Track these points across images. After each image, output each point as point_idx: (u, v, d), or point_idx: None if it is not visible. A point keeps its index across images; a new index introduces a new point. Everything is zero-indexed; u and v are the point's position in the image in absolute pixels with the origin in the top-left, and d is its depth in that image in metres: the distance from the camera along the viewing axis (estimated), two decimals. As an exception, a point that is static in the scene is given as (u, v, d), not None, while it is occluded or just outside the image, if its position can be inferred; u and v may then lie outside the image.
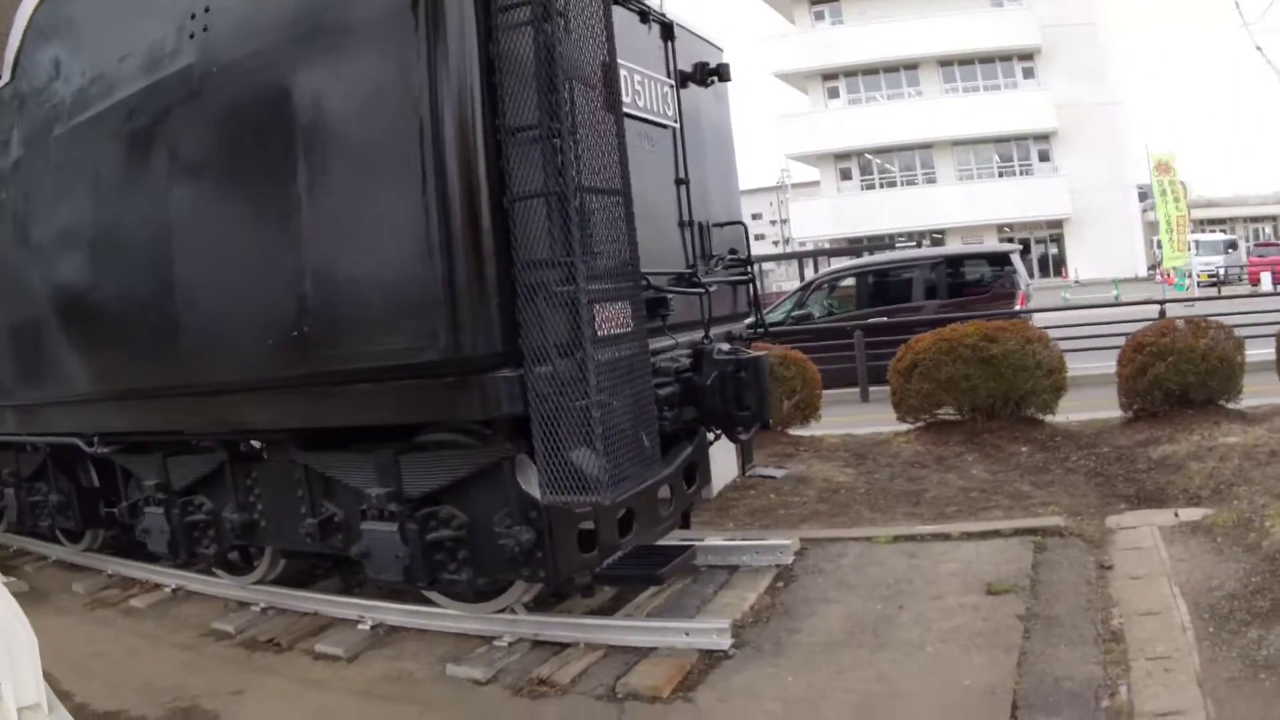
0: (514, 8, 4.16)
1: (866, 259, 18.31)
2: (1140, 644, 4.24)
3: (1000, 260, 14.28)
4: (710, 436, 5.85)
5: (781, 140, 46.08)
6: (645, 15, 5.64)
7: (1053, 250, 44.41)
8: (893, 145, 42.71)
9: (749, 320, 6.77)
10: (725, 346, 5.58)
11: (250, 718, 4.78)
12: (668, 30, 5.87)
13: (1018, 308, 12.92)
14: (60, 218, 6.27)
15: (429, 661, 5.16)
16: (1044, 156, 43.07)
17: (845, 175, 44.79)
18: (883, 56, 41.76)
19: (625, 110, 5.21)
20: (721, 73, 6.36)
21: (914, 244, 26.57)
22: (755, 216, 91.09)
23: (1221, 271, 33.20)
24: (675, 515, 5.69)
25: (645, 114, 5.44)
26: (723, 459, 7.95)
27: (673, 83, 5.82)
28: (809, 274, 26.18)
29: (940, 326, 9.33)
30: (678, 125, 5.83)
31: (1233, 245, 37.69)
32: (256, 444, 5.88)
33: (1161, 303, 13.54)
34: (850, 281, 14.97)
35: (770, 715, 4.15)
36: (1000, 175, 43.25)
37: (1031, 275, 40.64)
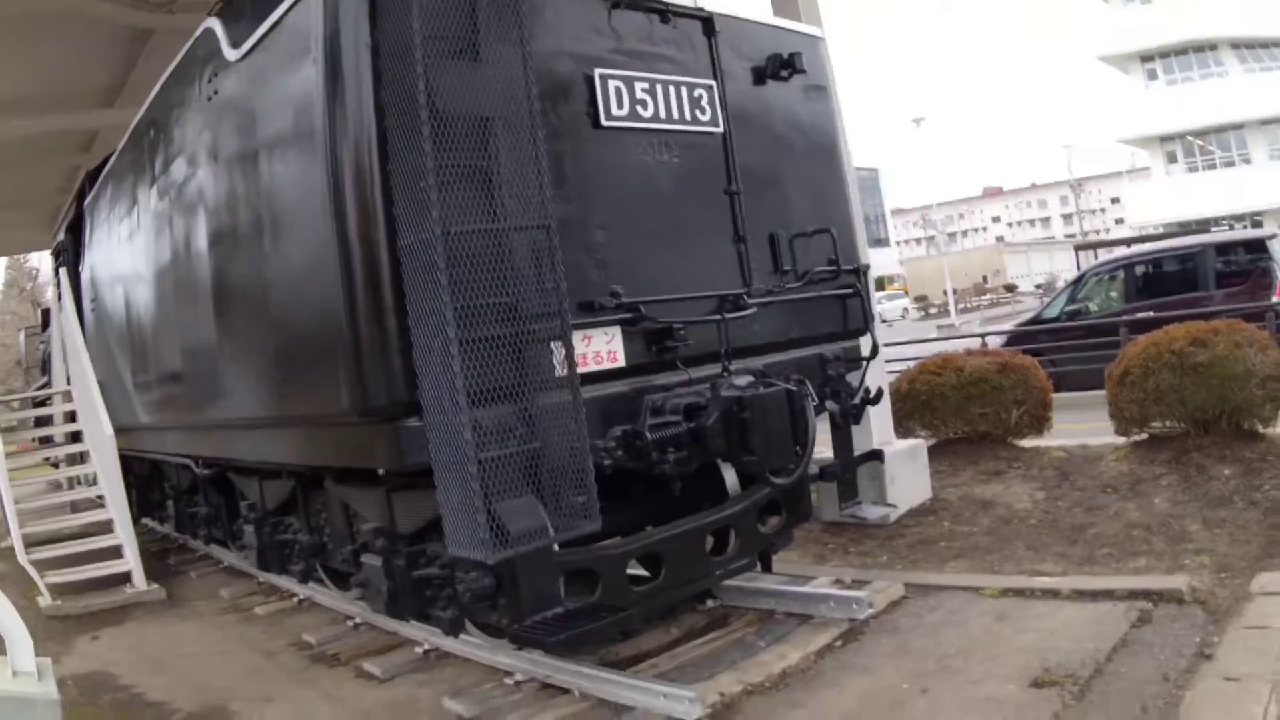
0: (402, 48, 3.98)
1: (1127, 251, 16.64)
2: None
3: (1256, 247, 12.57)
4: None
5: (1110, 125, 43.82)
6: (665, 15, 5.28)
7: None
8: (1209, 127, 39.25)
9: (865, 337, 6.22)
10: (744, 380, 5.02)
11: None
12: (708, 25, 5.48)
13: (1275, 299, 11.12)
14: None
15: (443, 691, 5.19)
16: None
17: (1171, 158, 41.47)
18: (1187, 36, 38.72)
19: (624, 124, 4.96)
20: (795, 63, 5.79)
21: (1228, 227, 23.78)
22: (1114, 201, 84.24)
23: None
24: (744, 559, 5.33)
25: (659, 124, 5.11)
26: (910, 480, 7.44)
27: (710, 83, 5.41)
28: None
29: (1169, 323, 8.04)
30: (723, 130, 5.43)
31: None
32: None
33: None
34: (1121, 274, 13.88)
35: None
36: (1309, 152, 38.03)
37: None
